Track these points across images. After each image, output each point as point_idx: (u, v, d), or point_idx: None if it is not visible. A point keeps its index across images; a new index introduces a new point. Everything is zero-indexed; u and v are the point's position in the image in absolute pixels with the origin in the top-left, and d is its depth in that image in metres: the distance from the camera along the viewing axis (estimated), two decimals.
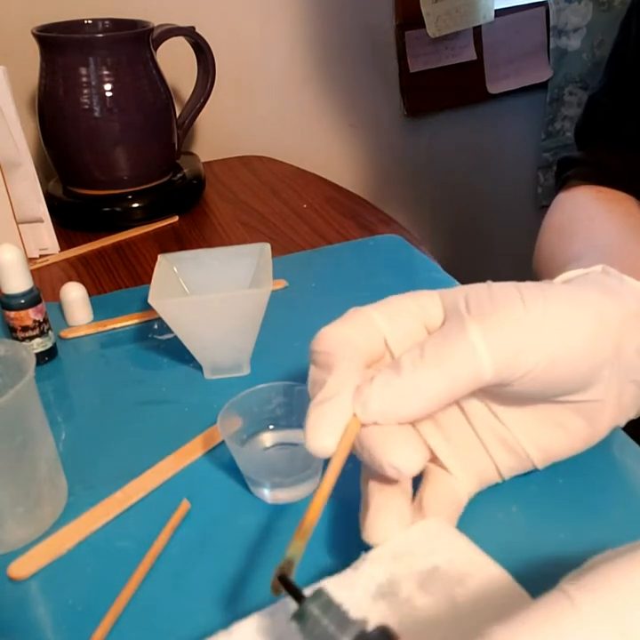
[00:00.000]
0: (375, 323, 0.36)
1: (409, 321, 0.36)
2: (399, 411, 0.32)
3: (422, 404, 0.32)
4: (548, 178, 1.39)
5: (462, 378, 0.32)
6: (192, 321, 0.52)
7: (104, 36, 0.82)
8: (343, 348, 0.35)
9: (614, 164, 0.62)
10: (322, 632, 0.24)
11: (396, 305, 0.36)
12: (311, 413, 0.33)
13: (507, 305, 0.34)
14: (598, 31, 1.26)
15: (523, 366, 0.33)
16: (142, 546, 0.39)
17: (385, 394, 0.32)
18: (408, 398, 0.32)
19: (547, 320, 0.34)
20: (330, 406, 0.32)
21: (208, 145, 1.07)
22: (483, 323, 0.33)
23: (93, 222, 0.84)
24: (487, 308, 0.34)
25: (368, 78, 1.16)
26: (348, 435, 0.32)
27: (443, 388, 0.32)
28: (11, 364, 0.42)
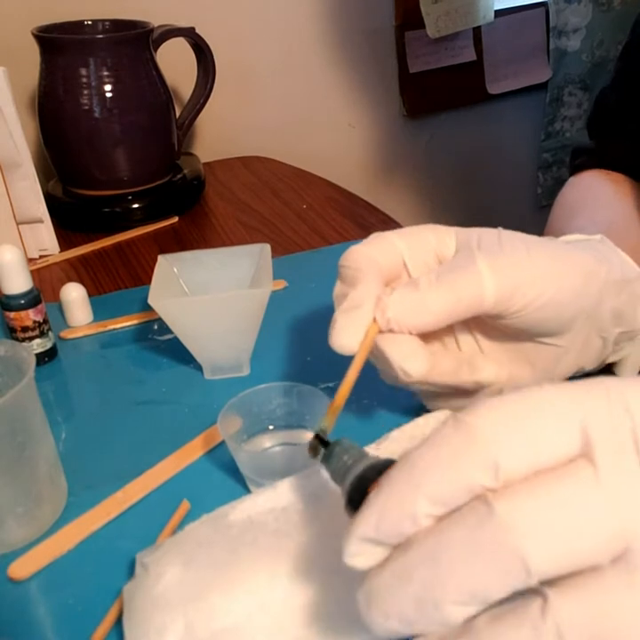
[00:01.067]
0: (396, 246, 0.41)
1: (425, 249, 0.41)
2: (413, 320, 0.37)
3: (432, 317, 0.38)
4: (547, 178, 1.39)
5: (467, 299, 0.38)
6: (192, 321, 0.52)
7: (104, 36, 0.82)
8: (367, 264, 0.39)
9: (621, 154, 0.64)
10: (342, 465, 0.29)
11: (416, 233, 0.41)
12: (338, 318, 0.38)
13: (512, 249, 0.39)
14: (598, 31, 1.26)
15: (519, 301, 0.38)
16: (142, 546, 0.39)
17: (402, 303, 0.37)
18: (421, 309, 0.37)
19: (545, 266, 0.39)
20: (355, 312, 0.37)
21: (208, 145, 1.07)
22: (490, 258, 0.38)
23: (93, 223, 0.84)
24: (495, 249, 0.39)
25: (368, 78, 1.16)
26: (369, 337, 0.37)
27: (450, 305, 0.37)
28: (11, 364, 0.42)
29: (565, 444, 0.23)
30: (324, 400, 0.44)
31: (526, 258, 0.39)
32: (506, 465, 0.23)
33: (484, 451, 0.23)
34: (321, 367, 0.55)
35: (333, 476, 0.30)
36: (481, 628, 0.23)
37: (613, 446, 0.23)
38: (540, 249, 0.40)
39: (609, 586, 0.22)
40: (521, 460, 0.23)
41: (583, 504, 0.22)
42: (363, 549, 0.25)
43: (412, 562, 0.24)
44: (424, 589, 0.23)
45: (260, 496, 0.38)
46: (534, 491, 0.23)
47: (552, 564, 0.22)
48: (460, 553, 0.23)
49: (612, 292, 0.43)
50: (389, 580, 0.24)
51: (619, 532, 0.22)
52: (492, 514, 0.22)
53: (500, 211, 1.38)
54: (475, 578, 0.22)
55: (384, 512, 0.24)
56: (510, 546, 0.22)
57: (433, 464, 0.24)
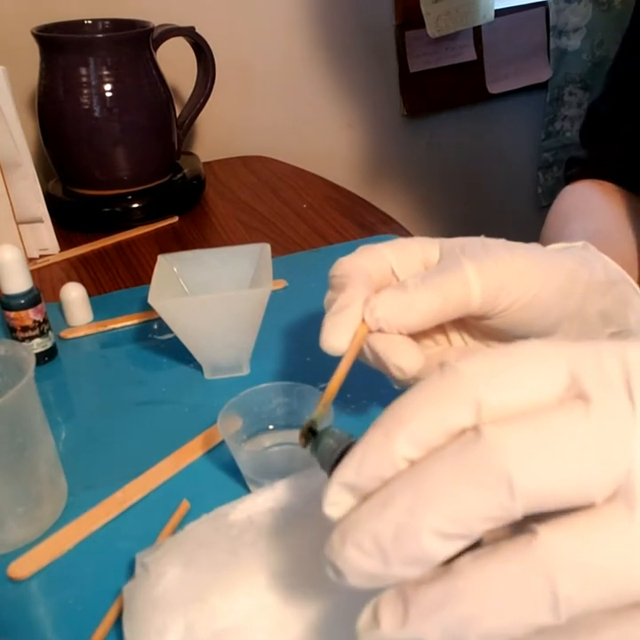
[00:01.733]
0: (384, 255, 0.42)
1: (413, 257, 0.42)
2: (401, 319, 0.38)
3: (420, 316, 0.38)
4: (547, 178, 1.39)
5: (454, 299, 0.39)
6: (192, 321, 0.52)
7: (104, 36, 0.82)
8: (356, 272, 0.40)
9: (612, 164, 0.65)
10: (327, 448, 0.30)
11: (403, 244, 0.43)
12: (327, 321, 0.39)
13: (496, 252, 0.40)
14: (598, 31, 1.26)
15: (505, 300, 0.39)
16: (142, 546, 0.39)
17: (390, 303, 0.38)
18: (409, 309, 0.38)
19: (528, 267, 0.40)
20: (343, 313, 0.38)
21: (208, 145, 1.07)
22: (475, 261, 0.39)
23: (93, 222, 0.84)
24: (479, 253, 0.40)
25: (368, 78, 1.16)
26: (358, 337, 0.38)
27: (438, 305, 0.38)
28: (11, 364, 0.42)
29: (553, 383, 0.23)
30: None
31: (510, 259, 0.40)
32: (489, 403, 0.23)
33: (466, 390, 0.23)
34: (321, 367, 0.55)
35: (321, 462, 0.30)
36: (463, 566, 0.22)
37: (603, 384, 0.23)
38: (522, 252, 0.41)
39: (604, 521, 0.22)
40: (506, 398, 0.23)
41: (573, 435, 0.22)
42: (342, 498, 0.25)
43: (393, 489, 0.23)
44: (403, 514, 0.22)
45: (260, 496, 0.38)
46: (523, 419, 0.22)
47: (538, 490, 0.21)
48: (444, 475, 0.22)
49: (596, 293, 0.44)
50: (367, 511, 0.23)
51: (611, 468, 0.21)
52: (478, 436, 0.22)
53: (500, 211, 1.38)
54: (457, 498, 0.22)
55: (365, 455, 0.24)
56: (495, 464, 0.21)
57: (415, 406, 0.24)
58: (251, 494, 0.39)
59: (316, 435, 0.32)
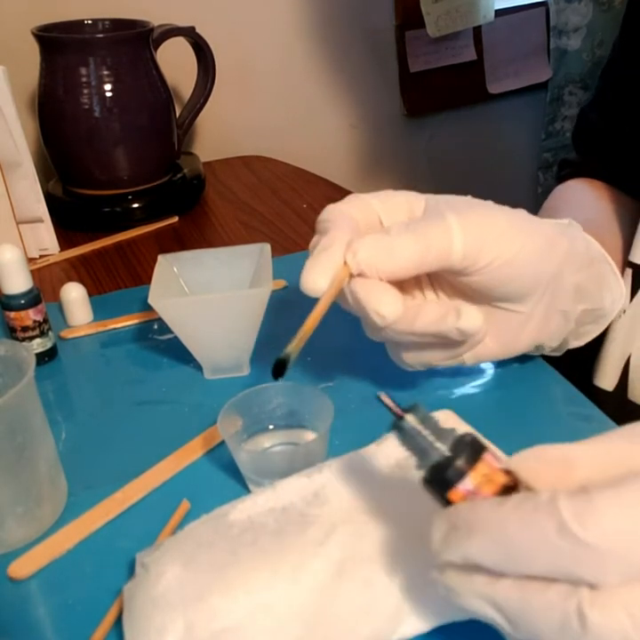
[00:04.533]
0: (372, 205, 0.42)
1: (399, 208, 0.43)
2: (383, 264, 0.38)
3: (402, 261, 0.38)
4: (547, 178, 1.39)
5: (437, 249, 0.39)
6: (192, 321, 0.52)
7: (104, 36, 0.82)
8: (342, 217, 0.41)
9: (603, 168, 0.65)
10: (421, 441, 0.29)
11: (391, 195, 0.43)
12: (308, 261, 0.39)
13: (480, 209, 0.41)
14: (598, 31, 1.26)
15: (485, 257, 0.40)
16: (142, 546, 0.39)
17: (373, 247, 0.38)
18: (392, 254, 0.38)
19: (511, 226, 0.41)
20: (324, 254, 0.39)
21: (208, 145, 1.07)
22: (459, 215, 0.40)
23: (93, 222, 0.84)
24: (464, 208, 0.41)
25: (368, 78, 1.16)
26: (338, 280, 0.39)
27: (420, 253, 0.39)
28: (11, 364, 0.42)
29: None
30: (324, 400, 0.44)
31: (493, 217, 0.41)
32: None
33: (593, 567, 0.24)
34: (321, 367, 0.55)
35: (408, 445, 0.30)
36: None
37: None
38: (506, 212, 0.42)
39: None
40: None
41: None
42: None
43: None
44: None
45: (260, 496, 0.38)
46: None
47: None
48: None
49: (574, 266, 0.45)
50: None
51: None
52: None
53: None
54: None
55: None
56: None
57: (528, 553, 0.25)
58: (251, 494, 0.39)
59: (284, 366, 0.31)
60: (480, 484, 0.28)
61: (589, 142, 0.68)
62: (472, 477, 0.28)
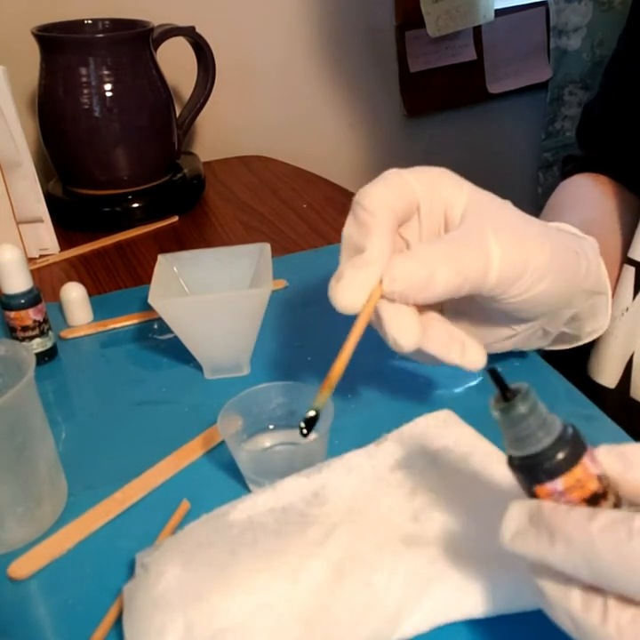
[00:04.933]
0: (413, 190, 0.41)
1: (439, 198, 0.41)
2: (418, 295, 0.38)
3: (437, 294, 0.38)
4: (548, 178, 1.39)
5: (472, 282, 0.39)
6: (192, 321, 0.52)
7: (104, 36, 0.82)
8: (383, 210, 0.39)
9: (607, 164, 0.65)
10: (524, 427, 0.27)
11: (432, 184, 0.41)
12: (346, 273, 0.38)
13: (520, 235, 0.40)
14: (598, 31, 1.26)
15: (513, 291, 0.40)
16: (142, 546, 0.39)
17: (411, 278, 0.38)
18: (427, 287, 0.38)
19: (544, 263, 0.40)
20: (363, 272, 0.38)
21: (208, 145, 1.07)
22: (502, 244, 0.39)
23: (93, 222, 0.84)
24: (508, 232, 0.39)
25: (368, 78, 1.16)
26: (372, 300, 0.38)
27: (455, 287, 0.38)
28: (11, 364, 0.42)
29: None
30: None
31: (534, 249, 0.40)
32: None
33: None
34: (321, 367, 0.55)
35: (507, 427, 0.28)
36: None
37: None
38: (549, 246, 0.41)
39: None
40: None
41: None
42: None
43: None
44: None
45: (260, 496, 0.38)
46: None
47: None
48: None
49: (582, 298, 0.46)
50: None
51: None
52: None
53: None
54: None
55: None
56: None
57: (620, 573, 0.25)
58: (251, 494, 0.39)
59: (314, 422, 0.30)
60: (570, 488, 0.27)
61: (593, 138, 0.68)
62: (565, 480, 0.27)
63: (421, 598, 0.34)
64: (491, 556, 0.35)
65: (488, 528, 0.36)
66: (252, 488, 0.44)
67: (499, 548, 0.35)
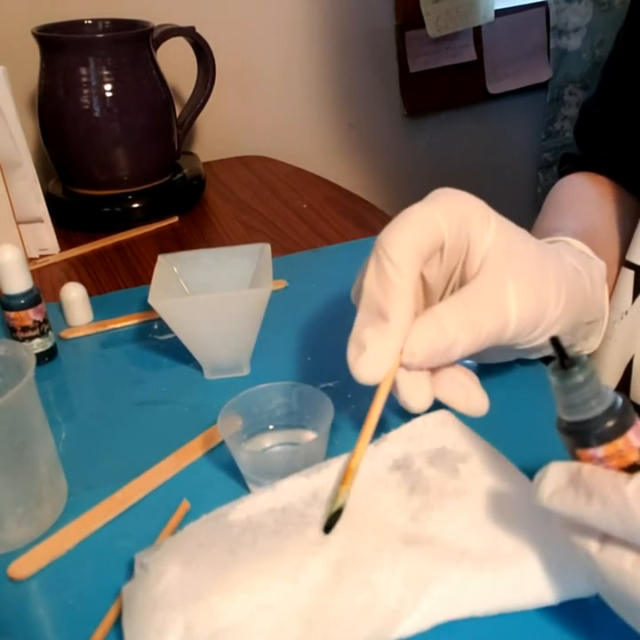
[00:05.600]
0: (440, 230, 0.39)
1: (462, 237, 0.40)
2: (434, 362, 0.39)
3: (453, 358, 0.39)
4: (548, 178, 1.39)
5: (491, 339, 0.39)
6: (192, 321, 0.52)
7: (104, 36, 0.82)
8: (411, 267, 0.38)
9: (606, 163, 0.65)
10: (577, 395, 0.29)
11: (459, 217, 0.40)
12: (369, 345, 0.38)
13: (540, 292, 0.40)
14: (598, 31, 1.26)
15: (527, 339, 0.41)
16: (142, 546, 0.39)
17: (429, 348, 0.38)
18: (446, 354, 0.39)
19: (560, 315, 0.41)
20: (387, 346, 0.38)
21: (208, 145, 1.07)
22: (520, 302, 0.39)
23: (93, 222, 0.84)
24: (527, 286, 0.40)
25: (368, 78, 1.16)
26: (392, 372, 0.39)
27: (474, 346, 0.39)
28: (11, 364, 0.42)
29: None
30: (325, 400, 0.44)
31: (550, 303, 0.41)
32: None
33: None
34: (321, 367, 0.55)
35: (561, 394, 0.30)
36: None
37: None
38: (564, 288, 0.42)
39: None
40: None
41: None
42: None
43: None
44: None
45: (260, 496, 0.38)
46: None
47: None
48: None
49: (583, 327, 0.47)
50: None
51: None
52: None
53: (500, 211, 1.38)
54: None
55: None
56: None
57: None
58: (251, 494, 0.39)
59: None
60: (610, 457, 0.29)
61: (591, 138, 0.68)
62: (606, 449, 0.29)
63: (421, 597, 0.34)
64: (490, 555, 0.35)
65: (487, 527, 0.36)
66: (252, 488, 0.44)
67: (498, 547, 0.35)
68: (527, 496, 0.38)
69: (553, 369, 0.29)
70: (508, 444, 0.42)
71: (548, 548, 0.35)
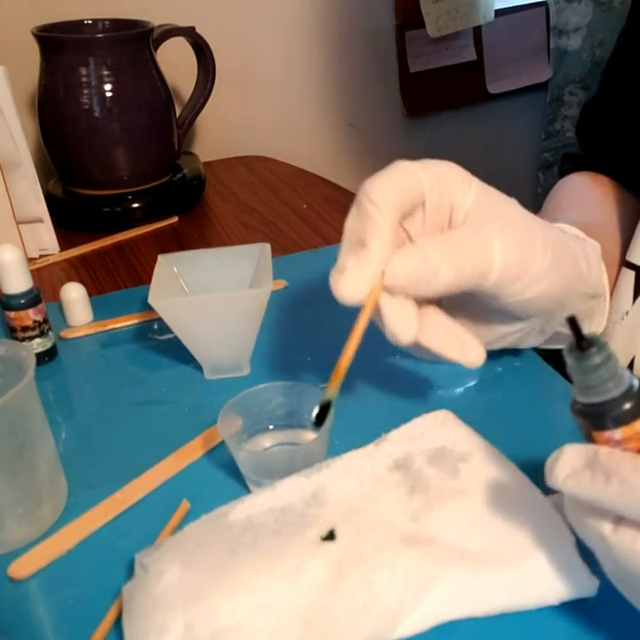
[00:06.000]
0: (421, 184, 0.41)
1: (445, 194, 0.41)
2: (419, 291, 0.39)
3: (438, 290, 0.39)
4: (547, 178, 1.39)
5: (474, 280, 0.39)
6: (192, 321, 0.52)
7: (104, 36, 0.82)
8: (389, 204, 0.39)
9: (607, 161, 0.65)
10: (594, 377, 0.29)
11: (441, 175, 0.41)
12: (349, 266, 0.39)
13: (525, 238, 0.41)
14: (598, 31, 1.26)
15: (513, 289, 0.41)
16: (142, 546, 0.39)
17: (413, 274, 0.38)
18: (429, 284, 0.39)
19: (546, 265, 0.41)
20: (366, 264, 0.39)
21: (208, 145, 1.07)
22: (504, 244, 0.40)
23: (93, 222, 0.84)
24: (512, 234, 0.40)
25: (368, 78, 1.16)
26: (374, 294, 0.39)
27: (457, 284, 0.39)
28: (11, 364, 0.42)
29: None
30: None
31: (534, 251, 0.41)
32: None
33: None
34: (321, 367, 0.55)
35: (578, 375, 0.29)
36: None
37: None
38: (552, 247, 0.42)
39: None
40: None
41: None
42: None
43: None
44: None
45: (260, 496, 0.38)
46: None
47: None
48: None
49: (579, 300, 0.47)
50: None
51: None
52: None
53: None
54: None
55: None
56: None
57: None
58: (251, 494, 0.39)
59: (326, 412, 0.31)
60: (627, 439, 0.29)
61: (592, 137, 0.68)
62: (624, 431, 0.29)
63: (421, 597, 0.34)
64: (490, 554, 0.35)
65: (487, 527, 0.36)
66: (252, 488, 0.44)
67: (498, 547, 0.35)
68: (527, 496, 0.38)
69: (570, 350, 0.29)
70: (508, 443, 0.42)
71: (548, 548, 0.35)
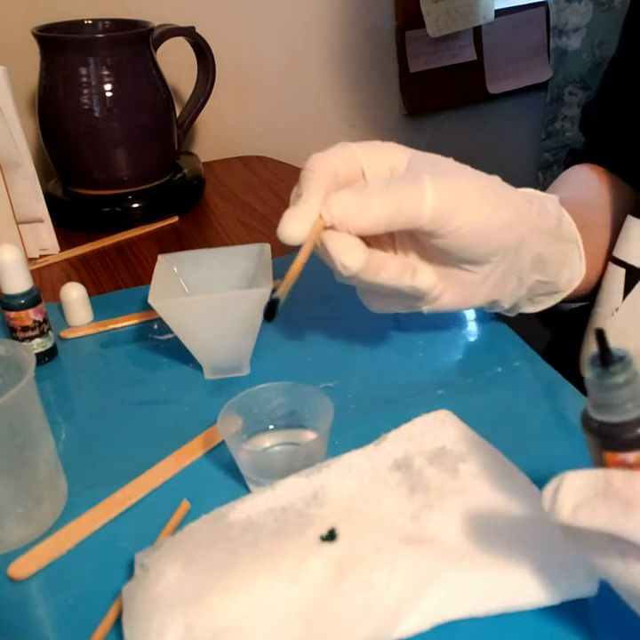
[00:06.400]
0: (356, 155, 0.46)
1: (383, 161, 0.46)
2: (355, 220, 0.41)
3: (373, 220, 0.41)
4: (547, 178, 1.39)
5: (407, 211, 0.42)
6: (192, 321, 0.52)
7: (104, 36, 0.82)
8: (323, 168, 0.44)
9: (609, 161, 0.66)
10: (614, 396, 0.27)
11: (376, 148, 0.48)
12: (286, 212, 0.42)
13: (457, 175, 0.44)
14: (598, 31, 1.26)
15: (453, 223, 0.42)
16: (142, 546, 0.39)
17: (346, 203, 0.41)
18: (364, 211, 0.41)
19: (482, 197, 0.43)
20: (303, 205, 0.42)
21: (208, 145, 1.07)
22: (435, 179, 0.42)
23: (93, 222, 0.84)
24: (443, 173, 0.43)
25: (368, 78, 1.16)
26: (315, 231, 0.42)
27: (391, 213, 0.41)
28: (11, 364, 0.42)
29: None
30: (324, 400, 0.44)
31: (467, 184, 0.43)
32: None
33: None
34: (321, 367, 0.55)
35: (596, 392, 0.28)
36: None
37: None
38: (481, 180, 0.45)
39: None
40: None
41: None
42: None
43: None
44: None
45: (260, 496, 0.38)
46: None
47: None
48: None
49: (537, 239, 0.47)
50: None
51: None
52: None
53: None
54: None
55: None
56: None
57: None
58: (251, 494, 0.39)
59: (274, 308, 0.35)
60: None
61: (594, 134, 0.68)
62: (638, 455, 0.27)
63: (421, 597, 0.34)
64: (490, 554, 0.35)
65: (487, 527, 0.36)
66: (252, 488, 0.44)
67: (498, 547, 0.35)
68: (527, 495, 0.38)
69: (592, 363, 0.28)
70: (508, 443, 0.42)
71: (547, 548, 0.35)
